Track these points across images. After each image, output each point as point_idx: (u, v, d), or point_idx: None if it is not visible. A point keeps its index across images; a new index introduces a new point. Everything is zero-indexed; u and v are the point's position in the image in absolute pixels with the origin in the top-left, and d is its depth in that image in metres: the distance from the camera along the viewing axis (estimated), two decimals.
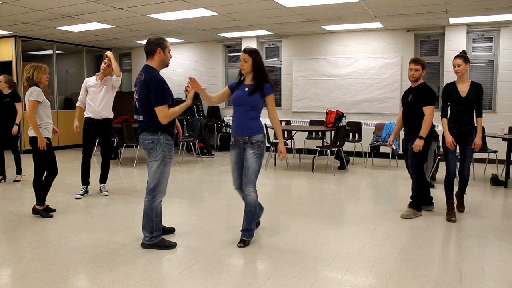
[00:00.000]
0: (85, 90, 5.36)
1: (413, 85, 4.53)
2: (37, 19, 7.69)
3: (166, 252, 3.48)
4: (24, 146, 9.46)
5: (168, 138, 3.50)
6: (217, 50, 10.59)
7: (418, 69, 4.39)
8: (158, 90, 3.36)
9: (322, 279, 2.97)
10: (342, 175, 7.07)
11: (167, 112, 3.39)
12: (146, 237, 3.56)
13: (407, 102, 4.51)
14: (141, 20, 7.74)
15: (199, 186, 6.33)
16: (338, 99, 9.30)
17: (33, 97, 4.35)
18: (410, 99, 4.47)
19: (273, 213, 4.82)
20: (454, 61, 4.36)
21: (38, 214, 4.51)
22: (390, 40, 8.88)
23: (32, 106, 4.35)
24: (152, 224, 3.54)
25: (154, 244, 3.54)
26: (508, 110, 8.02)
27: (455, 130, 4.41)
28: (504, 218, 4.65)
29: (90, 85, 5.31)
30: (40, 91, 4.43)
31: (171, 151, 3.54)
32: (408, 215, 4.51)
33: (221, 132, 10.24)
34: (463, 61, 4.33)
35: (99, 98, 5.26)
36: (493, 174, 6.38)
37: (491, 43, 8.24)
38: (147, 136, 3.48)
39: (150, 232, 3.53)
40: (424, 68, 4.43)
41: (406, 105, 4.54)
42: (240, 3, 6.59)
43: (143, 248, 3.55)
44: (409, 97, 4.48)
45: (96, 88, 5.27)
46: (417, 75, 4.41)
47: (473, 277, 2.97)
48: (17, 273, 3.06)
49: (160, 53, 3.46)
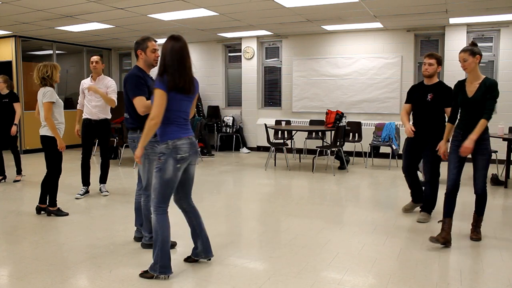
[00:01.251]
0: (82, 92, 5.39)
1: (427, 82, 4.28)
2: (37, 19, 7.69)
3: None
4: (24, 146, 9.47)
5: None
6: (217, 50, 10.59)
7: (432, 64, 4.13)
8: (133, 83, 3.38)
9: (322, 279, 2.97)
10: (342, 175, 7.07)
11: (144, 102, 3.33)
12: (146, 237, 3.55)
13: (426, 102, 4.21)
14: (141, 20, 7.74)
15: (199, 186, 6.32)
16: (338, 99, 9.30)
17: (46, 98, 4.36)
18: (430, 98, 4.21)
19: (273, 213, 4.83)
20: (460, 56, 3.65)
21: (52, 214, 4.54)
22: (390, 40, 8.88)
23: (48, 108, 4.38)
24: (151, 224, 3.45)
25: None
26: (508, 110, 8.02)
27: (461, 137, 3.69)
28: (504, 218, 4.65)
29: (86, 87, 5.32)
30: (53, 91, 4.46)
31: (155, 148, 3.32)
32: (424, 219, 4.36)
33: (221, 132, 10.24)
34: (469, 55, 3.58)
35: (94, 99, 5.28)
36: (493, 174, 6.38)
37: (491, 43, 8.24)
38: (129, 135, 3.54)
39: (149, 232, 3.50)
40: (440, 64, 4.16)
41: (422, 103, 4.23)
42: (240, 3, 6.58)
43: (143, 248, 3.54)
44: (428, 96, 4.22)
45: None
46: (430, 70, 4.14)
47: (473, 277, 2.97)
48: (17, 273, 3.06)
49: (142, 54, 3.44)
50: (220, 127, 10.28)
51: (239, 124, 10.18)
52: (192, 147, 2.96)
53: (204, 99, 10.62)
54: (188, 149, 2.91)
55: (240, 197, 5.86)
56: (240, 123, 10.23)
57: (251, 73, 10.12)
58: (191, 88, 2.91)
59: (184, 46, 2.88)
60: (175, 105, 2.86)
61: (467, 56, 3.59)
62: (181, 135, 2.89)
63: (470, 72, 3.61)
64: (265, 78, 10.33)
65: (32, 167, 7.78)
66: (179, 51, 2.85)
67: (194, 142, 2.99)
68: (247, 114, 10.25)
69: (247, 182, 6.80)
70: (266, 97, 10.37)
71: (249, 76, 10.14)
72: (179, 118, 2.90)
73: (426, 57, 4.23)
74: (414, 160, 4.59)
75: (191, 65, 2.91)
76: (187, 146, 2.90)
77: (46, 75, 4.43)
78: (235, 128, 10.12)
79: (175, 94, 2.83)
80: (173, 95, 2.83)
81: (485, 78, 3.63)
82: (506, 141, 6.17)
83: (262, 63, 10.25)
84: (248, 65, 10.13)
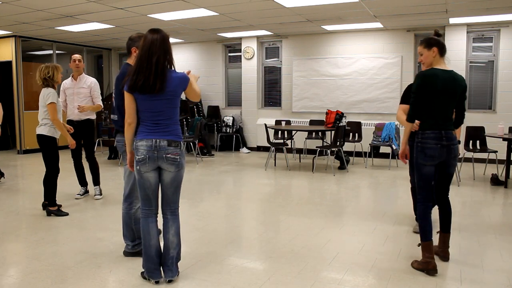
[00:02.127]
0: (64, 93, 5.32)
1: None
2: (37, 19, 7.69)
3: None
4: (24, 146, 9.50)
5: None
6: (217, 50, 10.59)
7: (421, 53, 3.23)
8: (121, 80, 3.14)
9: (322, 279, 2.97)
10: (342, 175, 7.07)
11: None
12: (128, 245, 3.40)
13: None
14: (141, 20, 7.74)
15: (199, 186, 6.32)
16: (338, 99, 9.30)
17: (49, 100, 4.44)
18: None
19: (273, 213, 4.83)
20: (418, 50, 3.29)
21: (52, 214, 4.56)
22: (390, 40, 8.88)
23: (53, 109, 4.46)
24: (133, 232, 3.36)
25: (137, 252, 3.34)
26: (508, 110, 8.02)
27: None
28: (504, 218, 4.65)
29: (67, 87, 5.29)
30: (55, 92, 4.53)
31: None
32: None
33: (221, 132, 10.24)
34: (423, 48, 3.20)
35: (76, 99, 5.23)
36: (493, 174, 6.38)
37: (491, 43, 8.23)
38: (119, 138, 3.36)
39: (132, 240, 3.38)
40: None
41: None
42: (240, 3, 6.58)
43: (125, 256, 3.39)
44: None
45: (73, 90, 5.26)
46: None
47: (473, 277, 2.97)
48: (17, 273, 3.07)
49: (136, 52, 3.17)
50: (220, 127, 10.28)
51: (239, 124, 10.18)
52: (151, 151, 2.72)
53: (204, 99, 10.62)
54: (145, 152, 2.72)
55: (240, 197, 5.86)
56: (240, 123, 10.23)
57: (251, 73, 10.12)
58: (156, 86, 2.64)
59: (156, 40, 2.67)
60: (141, 105, 2.74)
61: (421, 49, 3.24)
62: (143, 136, 2.75)
63: (428, 66, 3.15)
64: (265, 78, 10.33)
65: (31, 167, 7.78)
66: (148, 45, 2.67)
67: (159, 146, 2.73)
68: (247, 114, 10.25)
69: (247, 182, 6.80)
70: (266, 97, 10.37)
71: (249, 76, 10.14)
72: (147, 119, 2.75)
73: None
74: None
75: (161, 61, 2.68)
76: (144, 149, 2.72)
77: (47, 75, 4.49)
78: (235, 128, 10.12)
79: (138, 94, 2.70)
80: (137, 95, 2.71)
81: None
82: (506, 141, 6.17)
83: (262, 63, 10.25)
84: (248, 65, 10.13)
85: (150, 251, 2.86)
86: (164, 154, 2.74)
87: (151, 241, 2.85)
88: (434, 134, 3.06)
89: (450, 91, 3.07)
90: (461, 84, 3.13)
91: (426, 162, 3.08)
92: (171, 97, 2.73)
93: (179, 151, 2.78)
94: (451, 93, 3.07)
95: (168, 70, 2.72)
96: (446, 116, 3.11)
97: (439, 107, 3.07)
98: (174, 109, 2.79)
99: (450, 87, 3.06)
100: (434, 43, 3.16)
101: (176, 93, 2.76)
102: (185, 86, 2.79)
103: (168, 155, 2.75)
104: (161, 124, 2.75)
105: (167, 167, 2.78)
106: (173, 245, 2.87)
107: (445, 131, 3.07)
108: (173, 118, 2.80)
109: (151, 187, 2.82)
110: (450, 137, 3.09)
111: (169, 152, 2.75)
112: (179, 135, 2.80)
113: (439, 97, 3.05)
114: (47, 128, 4.55)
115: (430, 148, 3.05)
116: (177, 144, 2.78)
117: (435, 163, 3.09)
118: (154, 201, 2.87)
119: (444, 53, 3.17)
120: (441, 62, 3.14)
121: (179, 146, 2.79)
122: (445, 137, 3.06)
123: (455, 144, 3.12)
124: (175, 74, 2.75)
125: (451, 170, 3.21)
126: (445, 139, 3.06)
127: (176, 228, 2.90)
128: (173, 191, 2.86)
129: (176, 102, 2.80)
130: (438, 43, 3.17)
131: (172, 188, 2.85)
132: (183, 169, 2.84)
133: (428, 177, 3.11)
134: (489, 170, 7.17)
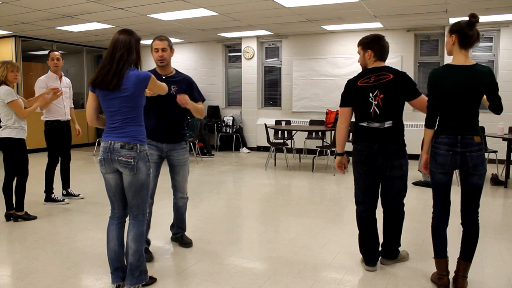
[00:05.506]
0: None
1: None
2: (37, 19, 7.69)
3: (166, 252, 3.48)
4: None
5: None
6: (217, 50, 10.59)
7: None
8: None
9: (322, 279, 2.97)
10: (342, 175, 7.07)
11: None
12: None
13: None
14: (141, 20, 7.74)
15: (199, 186, 6.32)
16: (338, 99, 9.11)
17: (9, 98, 4.11)
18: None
19: (273, 213, 4.83)
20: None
21: (20, 219, 4.32)
22: (390, 40, 8.72)
23: (18, 106, 4.16)
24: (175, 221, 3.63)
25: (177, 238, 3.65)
26: (508, 110, 7.92)
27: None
28: (504, 218, 4.65)
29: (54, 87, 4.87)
30: (12, 90, 4.18)
31: None
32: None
33: (221, 132, 10.24)
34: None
35: (64, 99, 5.06)
36: (493, 174, 6.38)
37: (491, 43, 8.23)
38: None
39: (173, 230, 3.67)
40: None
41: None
42: (240, 3, 6.59)
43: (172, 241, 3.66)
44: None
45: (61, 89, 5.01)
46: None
47: (473, 277, 2.97)
48: (17, 273, 3.06)
49: None
50: (220, 127, 10.28)
51: (239, 124, 10.19)
52: (106, 152, 2.63)
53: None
54: (102, 153, 2.66)
55: (240, 197, 5.86)
56: (240, 123, 10.23)
57: (251, 73, 10.12)
58: (112, 82, 2.54)
59: (122, 39, 2.60)
60: (102, 104, 2.67)
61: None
62: (103, 137, 2.69)
63: (449, 54, 2.81)
64: (265, 78, 10.33)
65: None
66: (113, 43, 2.61)
67: (112, 148, 2.61)
68: (247, 114, 10.25)
69: (247, 182, 6.80)
70: (266, 97, 10.37)
71: (249, 76, 10.14)
72: (107, 119, 2.68)
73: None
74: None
75: (124, 58, 2.57)
76: (102, 150, 2.67)
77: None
78: (235, 128, 10.12)
79: (98, 91, 2.62)
80: (98, 93, 2.63)
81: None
82: (506, 141, 6.17)
83: (262, 63, 10.25)
84: (248, 65, 10.13)
85: (108, 254, 2.76)
86: (116, 157, 2.61)
87: (109, 243, 2.75)
88: (448, 139, 2.68)
89: (465, 89, 2.64)
90: (484, 79, 2.69)
91: (437, 169, 2.74)
92: (128, 95, 2.58)
93: (134, 154, 2.61)
94: (466, 91, 2.65)
95: (129, 68, 2.60)
96: (464, 119, 2.68)
97: (453, 108, 2.68)
98: (135, 109, 2.64)
99: (464, 85, 2.64)
100: (455, 30, 2.70)
101: (134, 91, 2.60)
102: (145, 85, 2.65)
103: (120, 158, 2.61)
104: (118, 125, 2.64)
105: (122, 170, 2.65)
106: (130, 251, 2.70)
107: (462, 136, 2.65)
108: (134, 118, 2.65)
109: (111, 189, 2.73)
110: (468, 143, 2.65)
111: (121, 154, 2.60)
112: (136, 137, 2.64)
113: (450, 97, 2.66)
114: (15, 131, 4.20)
115: (441, 155, 2.70)
116: (132, 146, 2.62)
117: (447, 171, 2.72)
118: (116, 204, 2.76)
119: (466, 44, 2.68)
120: (461, 55, 2.69)
121: (135, 148, 2.62)
122: (460, 143, 2.65)
123: (475, 152, 2.65)
124: (135, 72, 2.61)
125: (473, 181, 2.70)
126: (460, 146, 2.65)
127: (136, 234, 2.71)
128: (132, 195, 2.69)
129: (137, 101, 2.64)
130: (459, 30, 2.68)
131: (130, 192, 2.68)
132: (140, 173, 2.64)
133: (441, 185, 2.77)
134: (489, 170, 7.12)
